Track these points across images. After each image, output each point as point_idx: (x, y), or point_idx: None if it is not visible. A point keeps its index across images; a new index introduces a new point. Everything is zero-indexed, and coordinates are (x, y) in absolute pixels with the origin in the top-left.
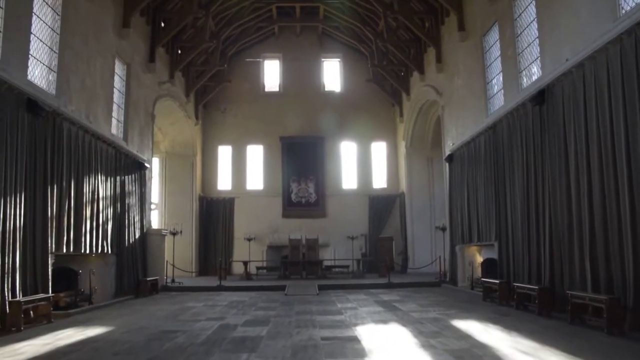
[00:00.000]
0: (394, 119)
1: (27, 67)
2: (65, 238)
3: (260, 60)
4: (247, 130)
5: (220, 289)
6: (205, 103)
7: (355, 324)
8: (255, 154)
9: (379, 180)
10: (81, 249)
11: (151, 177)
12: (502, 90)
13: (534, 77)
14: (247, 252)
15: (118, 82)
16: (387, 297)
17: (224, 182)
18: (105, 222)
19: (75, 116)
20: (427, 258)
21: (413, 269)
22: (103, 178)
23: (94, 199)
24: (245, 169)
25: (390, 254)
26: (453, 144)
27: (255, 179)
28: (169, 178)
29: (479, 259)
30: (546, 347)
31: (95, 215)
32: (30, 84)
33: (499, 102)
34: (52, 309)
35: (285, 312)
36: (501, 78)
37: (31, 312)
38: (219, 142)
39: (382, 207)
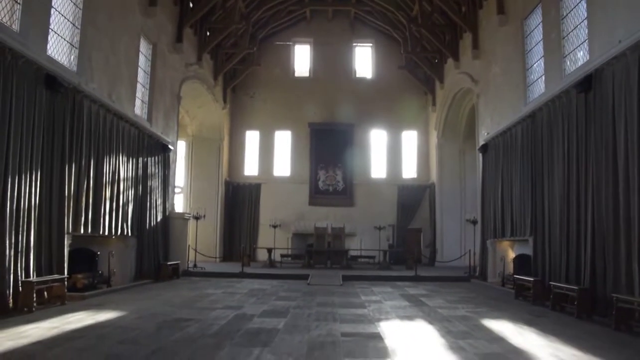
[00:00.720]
0: (426, 108)
1: (46, 41)
2: (83, 218)
3: (291, 44)
4: (275, 115)
5: (242, 275)
6: (234, 87)
7: (379, 319)
8: (283, 140)
9: (409, 170)
10: (100, 230)
11: (175, 159)
12: (543, 77)
13: (580, 63)
14: (272, 239)
15: (143, 62)
16: (414, 290)
17: (250, 167)
18: (125, 204)
19: (96, 94)
20: (456, 251)
21: (441, 262)
22: (125, 159)
23: (115, 180)
24: (273, 154)
25: (418, 246)
26: (487, 134)
27: (282, 165)
28: (195, 162)
29: (511, 255)
30: (591, 356)
31: (115, 197)
32: (50, 59)
33: (539, 89)
34: (67, 290)
35: (306, 303)
36: (542, 64)
37: (45, 293)
38: (247, 126)
39: (411, 198)
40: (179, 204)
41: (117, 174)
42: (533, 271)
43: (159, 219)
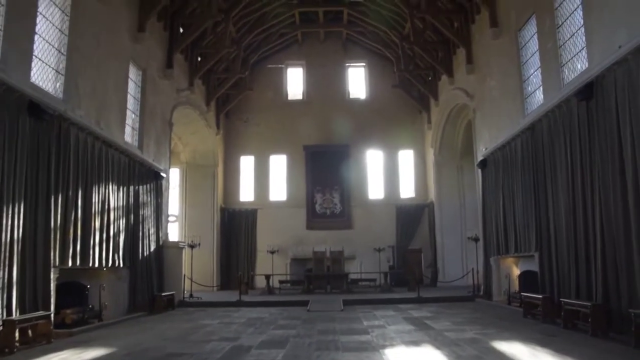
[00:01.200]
0: (422, 126)
1: (30, 68)
2: (71, 251)
3: (283, 66)
4: (270, 139)
5: (239, 304)
6: (227, 112)
7: (384, 346)
8: (278, 164)
9: (407, 190)
10: (89, 263)
11: (168, 187)
12: (541, 88)
13: (579, 71)
14: (270, 265)
15: (133, 88)
16: (418, 313)
17: (246, 193)
18: (116, 234)
19: (84, 122)
20: (458, 271)
21: (443, 282)
22: (115, 187)
23: (104, 210)
24: (268, 179)
25: (419, 267)
26: (486, 149)
27: (278, 190)
28: (189, 189)
29: (516, 272)
30: None
31: (105, 227)
32: (34, 86)
33: (537, 100)
34: (53, 327)
35: (306, 331)
36: (539, 75)
37: (29, 332)
38: (241, 152)
39: (410, 218)
40: (174, 232)
41: (106, 204)
42: (540, 287)
43: (152, 249)
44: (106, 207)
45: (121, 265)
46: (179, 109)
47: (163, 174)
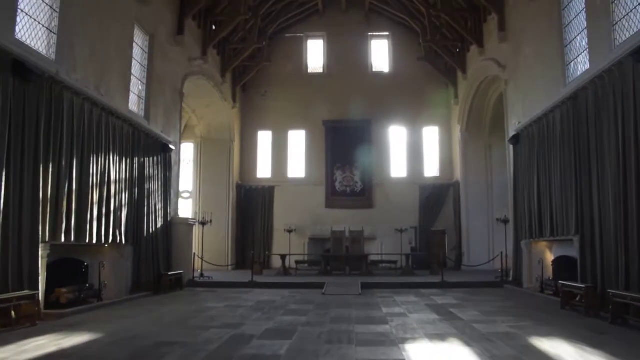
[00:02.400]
0: (448, 101)
1: (14, 23)
2: (64, 225)
3: (303, 35)
4: (288, 114)
5: (252, 285)
6: (244, 85)
7: (404, 339)
8: (297, 139)
9: (431, 169)
10: (86, 239)
11: (179, 160)
12: (587, 52)
13: (637, 28)
14: (287, 245)
15: (139, 54)
16: (442, 300)
17: (263, 169)
18: (118, 209)
19: (79, 86)
20: (484, 254)
21: (468, 266)
22: (117, 158)
23: (104, 182)
24: (287, 155)
25: (443, 249)
26: (519, 123)
27: (297, 167)
28: (204, 165)
29: (550, 257)
30: None
31: (105, 201)
32: (18, 43)
33: (581, 67)
34: (44, 307)
35: (318, 318)
36: (585, 37)
37: (13, 313)
38: (259, 127)
39: (434, 198)
40: (187, 209)
41: (106, 175)
42: (580, 276)
43: (159, 225)
44: (106, 179)
45: (124, 242)
46: (192, 79)
47: (172, 147)
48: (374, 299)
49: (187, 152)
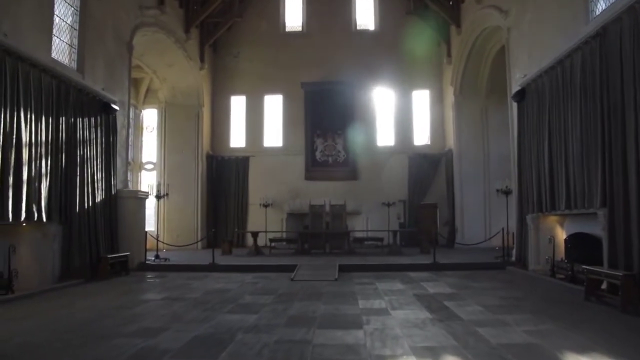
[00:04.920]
0: (440, 61)
1: None
2: None
3: None
4: (264, 77)
5: (212, 268)
6: (214, 44)
7: (380, 358)
8: (273, 105)
9: (421, 136)
10: None
11: (128, 124)
12: None
13: None
14: (264, 221)
15: None
16: (434, 288)
17: (237, 138)
18: (35, 179)
19: None
20: (480, 230)
21: (462, 244)
22: (32, 117)
23: (12, 145)
24: (263, 122)
25: (434, 225)
26: (524, 76)
27: (273, 135)
28: (169, 132)
29: (561, 234)
30: None
31: (15, 168)
32: None
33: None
34: None
35: (272, 318)
36: None
37: None
38: (232, 91)
39: (425, 168)
40: (151, 182)
41: (14, 138)
42: (609, 258)
43: (98, 200)
44: (14, 141)
45: (48, 219)
46: (146, 32)
47: (115, 106)
48: (351, 287)
49: (150, 119)
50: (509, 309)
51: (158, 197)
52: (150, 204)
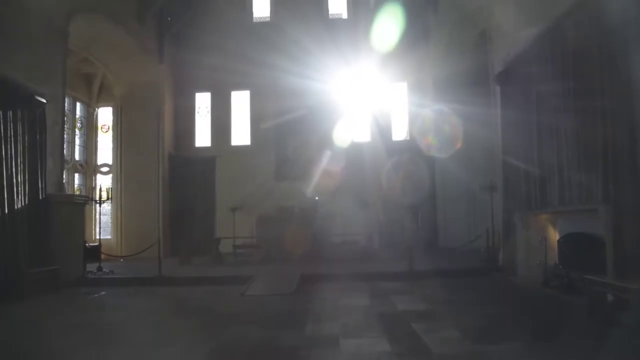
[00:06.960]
0: (418, 52)
1: None
2: None
3: None
4: (230, 71)
5: (158, 282)
6: (175, 35)
7: None
8: (241, 101)
9: (400, 131)
10: None
11: (61, 121)
12: None
13: None
14: (232, 226)
15: None
16: (404, 304)
17: (202, 137)
18: None
19: None
20: (463, 230)
21: (444, 245)
22: None
23: None
24: (230, 120)
25: (413, 225)
26: (508, 54)
27: (241, 133)
28: (126, 132)
29: (554, 235)
30: None
31: None
32: None
33: None
34: None
35: (185, 350)
36: None
37: None
38: (196, 87)
39: (404, 165)
40: (106, 185)
41: None
42: (614, 264)
43: (20, 205)
44: None
45: None
46: (86, 19)
47: (42, 99)
48: (305, 303)
49: (105, 118)
50: (493, 336)
51: (99, 202)
52: (107, 211)
